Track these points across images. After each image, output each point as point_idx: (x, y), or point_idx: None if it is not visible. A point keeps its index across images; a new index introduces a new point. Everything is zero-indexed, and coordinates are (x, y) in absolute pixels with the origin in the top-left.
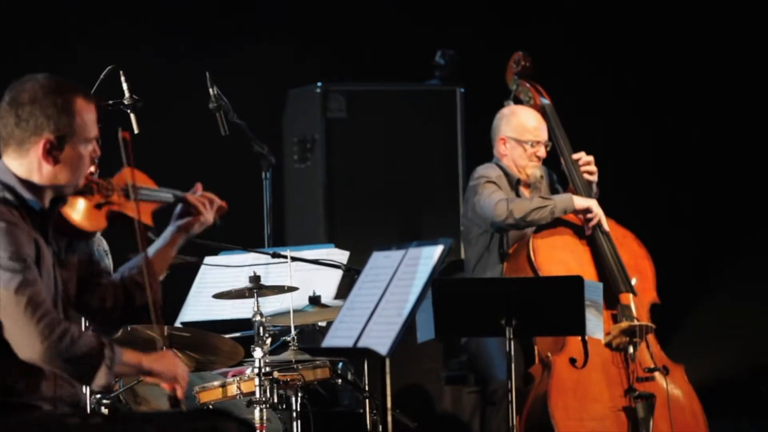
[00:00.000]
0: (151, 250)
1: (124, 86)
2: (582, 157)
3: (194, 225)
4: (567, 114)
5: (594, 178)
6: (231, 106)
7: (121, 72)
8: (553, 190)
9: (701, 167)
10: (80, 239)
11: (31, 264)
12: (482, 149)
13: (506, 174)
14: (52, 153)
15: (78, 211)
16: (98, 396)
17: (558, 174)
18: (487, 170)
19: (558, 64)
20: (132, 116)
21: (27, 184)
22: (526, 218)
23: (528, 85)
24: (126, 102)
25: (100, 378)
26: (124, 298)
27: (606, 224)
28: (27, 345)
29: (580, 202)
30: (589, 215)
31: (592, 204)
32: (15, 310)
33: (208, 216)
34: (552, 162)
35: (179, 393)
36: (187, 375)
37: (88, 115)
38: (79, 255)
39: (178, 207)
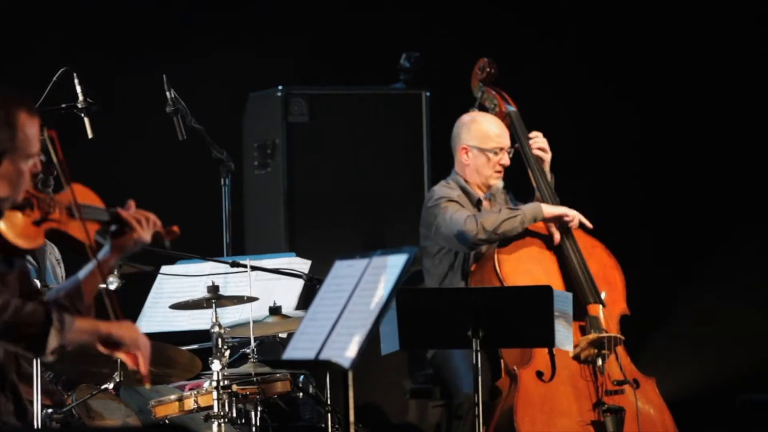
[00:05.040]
0: (83, 271)
1: (78, 89)
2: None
3: (128, 244)
4: (538, 117)
5: (547, 156)
6: (189, 109)
7: (74, 74)
8: None
9: (675, 178)
10: (15, 256)
11: None
12: (449, 154)
13: (466, 193)
14: None
15: (14, 226)
16: (50, 411)
17: (516, 190)
18: (445, 190)
19: (528, 66)
20: (86, 120)
21: None
22: (497, 230)
23: (493, 92)
24: (80, 105)
25: (53, 341)
26: None
27: (587, 221)
28: None
29: (550, 210)
30: (566, 218)
31: (563, 209)
32: None
33: (144, 234)
34: (516, 171)
35: (142, 366)
36: (149, 348)
37: (30, 129)
38: (18, 271)
39: (113, 226)
